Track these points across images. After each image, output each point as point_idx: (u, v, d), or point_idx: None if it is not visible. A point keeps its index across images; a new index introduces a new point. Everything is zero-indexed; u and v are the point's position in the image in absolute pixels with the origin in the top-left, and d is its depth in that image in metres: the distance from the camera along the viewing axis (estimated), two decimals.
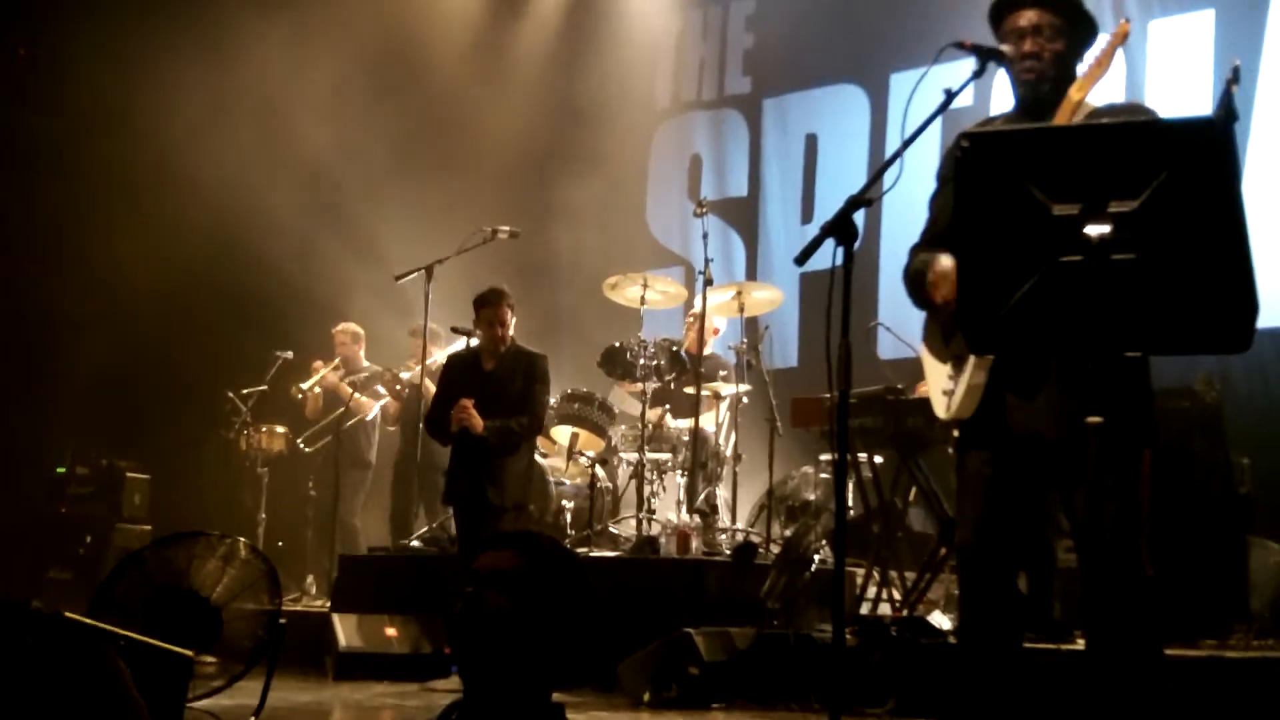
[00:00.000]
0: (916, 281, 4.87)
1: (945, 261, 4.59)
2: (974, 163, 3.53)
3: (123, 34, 12.97)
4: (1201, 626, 7.15)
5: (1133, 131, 3.62)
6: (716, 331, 11.09)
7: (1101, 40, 4.70)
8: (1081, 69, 4.65)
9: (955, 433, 4.88)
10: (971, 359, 4.61)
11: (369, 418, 11.93)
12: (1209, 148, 3.34)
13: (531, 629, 3.30)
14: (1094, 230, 3.35)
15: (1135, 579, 4.37)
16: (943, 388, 4.79)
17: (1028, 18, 4.66)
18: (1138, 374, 4.46)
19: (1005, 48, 4.66)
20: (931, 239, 4.88)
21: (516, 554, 3.37)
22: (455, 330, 9.71)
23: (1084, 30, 4.71)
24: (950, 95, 4.50)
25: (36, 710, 2.80)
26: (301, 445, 11.91)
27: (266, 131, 13.48)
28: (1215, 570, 7.49)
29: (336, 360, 12.24)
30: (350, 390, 11.90)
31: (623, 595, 8.10)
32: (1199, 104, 10.11)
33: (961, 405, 4.67)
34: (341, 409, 11.81)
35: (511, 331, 9.22)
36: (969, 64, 4.67)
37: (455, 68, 14.82)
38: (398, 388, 11.84)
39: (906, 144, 4.39)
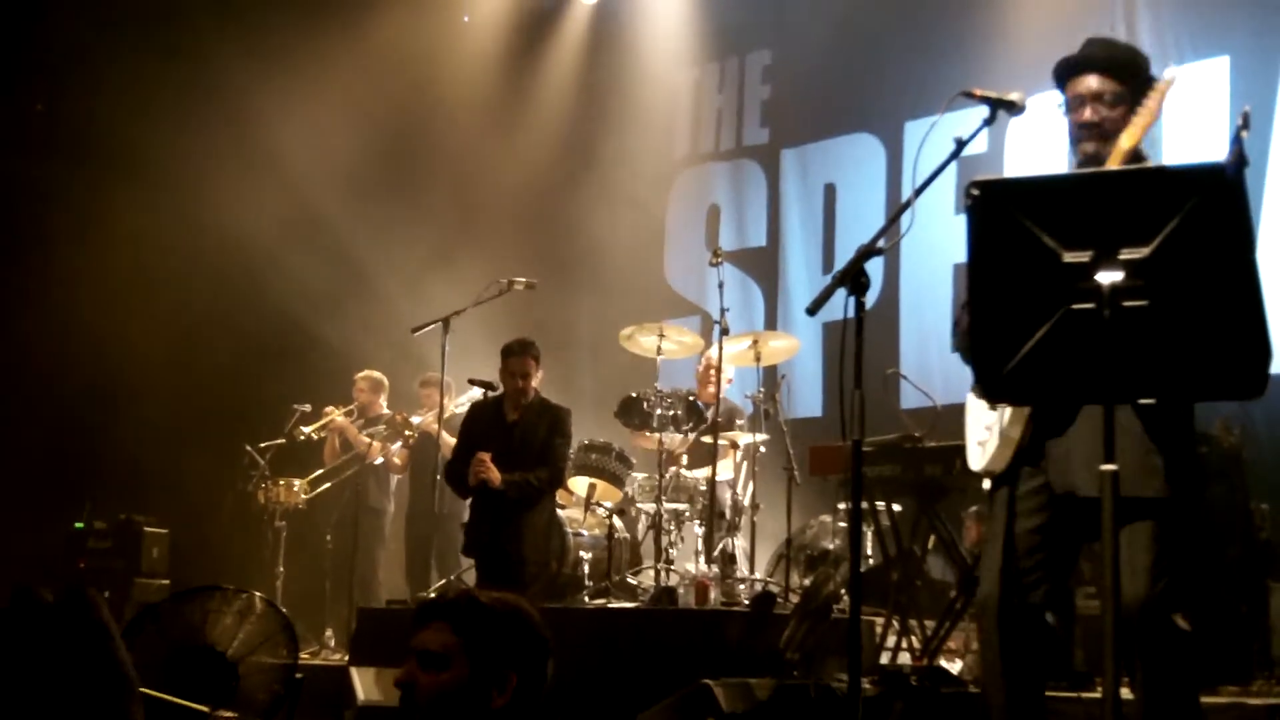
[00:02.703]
0: (962, 338, 4.87)
1: None
2: (984, 210, 3.53)
3: (143, 88, 13.07)
4: (1223, 673, 7.12)
5: (1143, 178, 3.62)
6: (730, 380, 11.05)
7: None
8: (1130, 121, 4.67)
9: (986, 484, 4.88)
10: (1008, 412, 4.62)
11: (377, 461, 11.92)
12: (1220, 193, 3.33)
13: (459, 707, 3.28)
14: (1106, 277, 3.34)
15: (1172, 639, 4.37)
16: (978, 439, 4.80)
17: (1088, 85, 4.69)
18: (1186, 428, 4.47)
19: (1015, 96, 4.68)
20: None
21: (445, 628, 3.34)
22: (472, 382, 9.72)
23: (1142, 88, 4.74)
24: (961, 144, 4.52)
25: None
26: (300, 489, 11.94)
27: (284, 184, 13.55)
28: (1236, 616, 7.45)
29: (350, 407, 12.28)
30: (362, 438, 11.93)
31: (641, 646, 8.05)
32: (1215, 150, 10.06)
33: (994, 457, 4.69)
34: (353, 452, 11.91)
35: (536, 384, 9.30)
36: (981, 111, 4.69)
37: (472, 120, 14.90)
38: (406, 433, 11.83)
39: (917, 193, 4.40)
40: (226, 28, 13.30)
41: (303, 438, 12.02)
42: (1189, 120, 10.68)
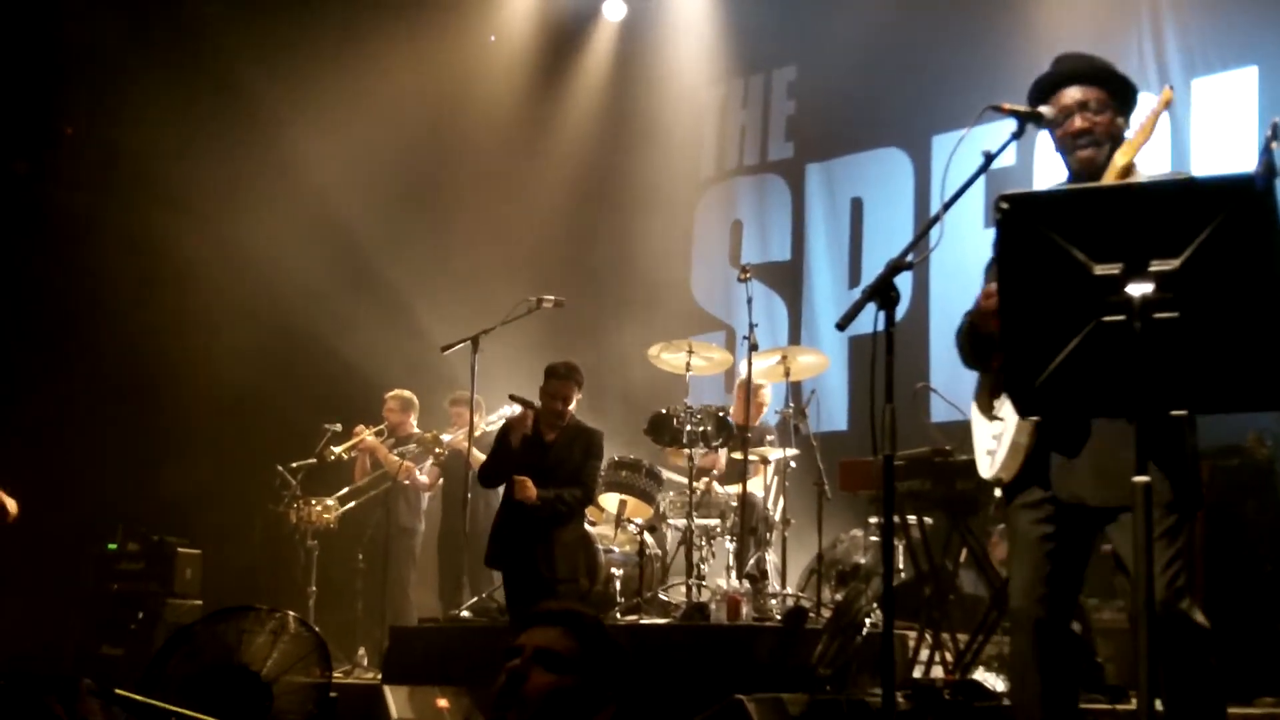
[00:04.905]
0: (966, 336, 4.87)
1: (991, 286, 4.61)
2: (1014, 224, 3.53)
3: (169, 114, 13.12)
4: (1258, 685, 7.09)
5: (1172, 190, 3.62)
6: (763, 405, 11.04)
7: (1147, 105, 4.74)
8: (1128, 134, 4.70)
9: (998, 492, 4.89)
10: (1015, 420, 4.62)
11: (407, 480, 11.96)
12: (1249, 205, 3.33)
13: (572, 713, 3.26)
14: (1136, 290, 3.34)
15: (1191, 637, 4.37)
16: (987, 447, 4.82)
17: (1072, 95, 4.73)
18: (1181, 434, 4.47)
19: (1044, 109, 4.70)
20: None
21: (569, 634, 3.32)
22: (513, 398, 9.72)
23: (1128, 97, 4.78)
24: (989, 158, 4.53)
25: None
26: (331, 508, 11.95)
27: (311, 207, 13.60)
28: (1271, 629, 7.42)
29: (381, 426, 12.30)
30: (393, 458, 11.96)
31: (673, 662, 8.05)
32: (1244, 162, 10.06)
33: (1004, 466, 4.70)
34: (381, 471, 11.98)
35: (573, 408, 9.32)
36: (1009, 124, 4.70)
37: (499, 139, 14.95)
38: (437, 450, 11.86)
39: (946, 206, 4.40)
40: (252, 49, 13.34)
41: (333, 458, 12.05)
42: (1217, 131, 10.66)
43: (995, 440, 4.77)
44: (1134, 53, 11.14)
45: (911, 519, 8.27)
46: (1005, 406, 4.73)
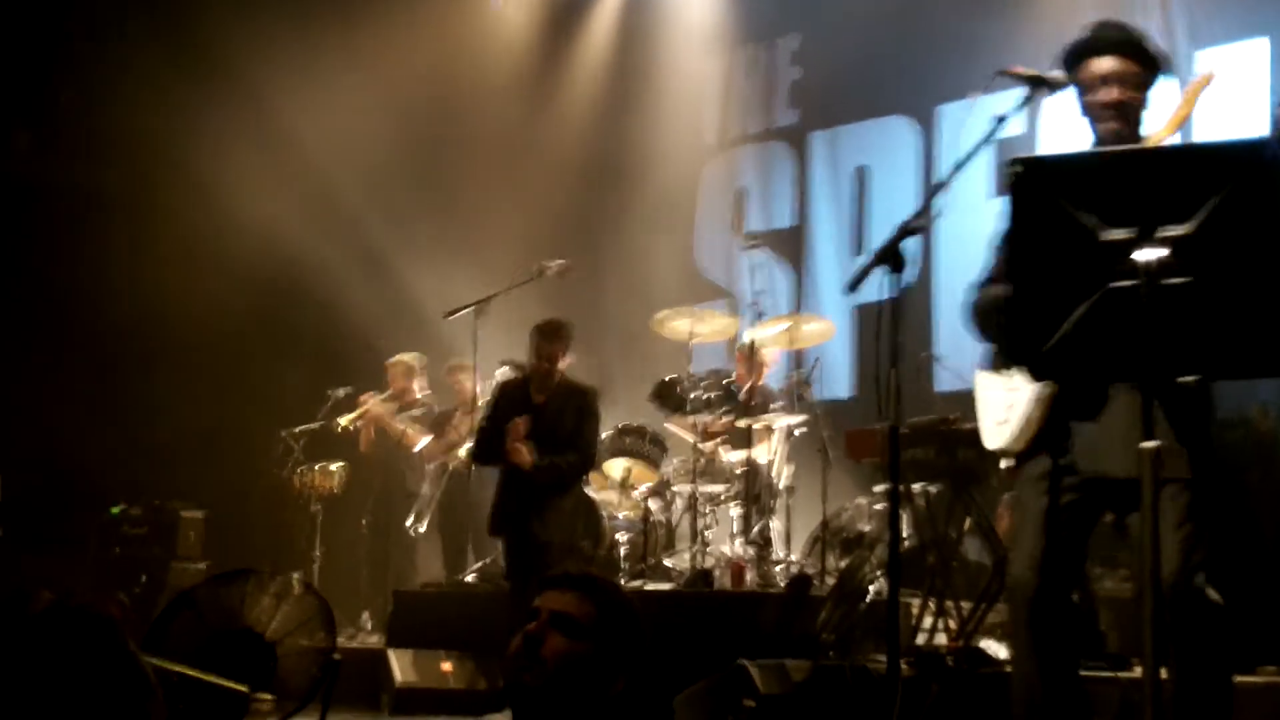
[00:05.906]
0: (987, 314, 4.83)
1: None
2: (1026, 188, 3.52)
3: (165, 85, 13.09)
4: (1260, 654, 7.11)
5: (1184, 155, 3.61)
6: (766, 365, 11.00)
7: (1177, 84, 4.73)
8: (1165, 115, 4.67)
9: (1003, 463, 4.88)
10: (1027, 393, 4.61)
11: (416, 449, 11.93)
12: (1260, 171, 3.33)
13: (587, 678, 3.27)
14: (1147, 255, 3.34)
15: (1205, 613, 4.37)
16: (996, 419, 4.80)
17: (1106, 64, 4.68)
18: (1207, 411, 4.46)
19: (1055, 74, 4.68)
20: (999, 277, 4.79)
21: (586, 599, 3.33)
22: (505, 363, 9.67)
23: (1156, 73, 4.76)
24: (1001, 119, 4.52)
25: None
26: (336, 473, 11.96)
27: (313, 174, 13.57)
28: (1273, 599, 7.43)
29: (386, 393, 12.26)
30: (398, 426, 11.94)
31: (678, 629, 8.04)
32: (1255, 134, 9.98)
33: (1015, 437, 4.68)
34: (394, 443, 11.97)
35: (563, 367, 9.05)
36: (1017, 92, 4.68)
37: (502, 107, 14.90)
38: (449, 425, 11.84)
39: (958, 168, 4.40)
40: (249, 19, 13.27)
41: (339, 429, 12.03)
42: (1228, 103, 10.59)
43: (1008, 411, 4.75)
44: (1140, 22, 11.05)
45: (916, 487, 8.26)
46: (1019, 376, 4.70)
